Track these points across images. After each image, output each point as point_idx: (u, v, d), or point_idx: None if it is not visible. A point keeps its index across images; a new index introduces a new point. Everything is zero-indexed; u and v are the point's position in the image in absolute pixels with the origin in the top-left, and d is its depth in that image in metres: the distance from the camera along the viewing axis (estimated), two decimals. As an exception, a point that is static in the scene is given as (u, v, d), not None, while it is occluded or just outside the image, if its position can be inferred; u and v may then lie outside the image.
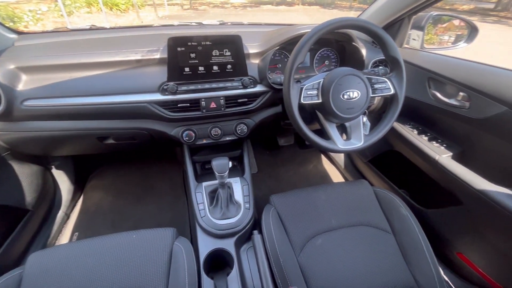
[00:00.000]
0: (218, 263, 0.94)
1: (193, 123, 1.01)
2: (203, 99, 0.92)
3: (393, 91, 0.82)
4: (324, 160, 1.85)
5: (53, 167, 1.41)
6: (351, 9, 13.05)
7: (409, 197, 1.19)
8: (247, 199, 1.03)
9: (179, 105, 0.91)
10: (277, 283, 0.74)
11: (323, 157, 1.87)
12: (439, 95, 0.98)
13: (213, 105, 0.93)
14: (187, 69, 0.88)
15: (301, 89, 0.78)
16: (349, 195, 0.97)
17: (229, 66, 0.92)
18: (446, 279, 0.94)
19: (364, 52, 1.05)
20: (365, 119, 0.93)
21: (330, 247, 0.83)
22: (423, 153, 1.00)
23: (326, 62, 1.17)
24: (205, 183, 1.06)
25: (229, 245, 0.92)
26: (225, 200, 0.98)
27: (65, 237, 1.32)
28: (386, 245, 0.85)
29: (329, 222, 0.89)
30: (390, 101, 0.85)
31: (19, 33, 1.03)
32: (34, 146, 1.09)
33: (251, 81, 0.95)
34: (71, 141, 1.10)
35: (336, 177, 1.73)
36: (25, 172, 1.18)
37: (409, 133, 1.09)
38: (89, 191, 1.56)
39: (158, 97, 0.89)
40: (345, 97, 0.76)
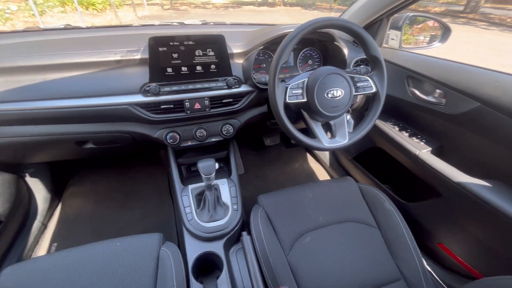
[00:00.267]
0: (207, 267, 0.92)
1: (177, 124, 0.98)
2: (187, 100, 0.90)
3: (375, 89, 0.84)
4: (309, 158, 1.88)
5: (27, 174, 1.33)
6: (331, 10, 13.37)
7: (392, 191, 1.23)
8: (235, 200, 1.02)
9: (162, 107, 0.89)
10: (268, 284, 0.73)
11: (309, 156, 1.90)
12: (417, 92, 1.02)
13: (197, 106, 0.92)
14: (169, 70, 0.86)
15: (286, 88, 0.78)
16: (335, 192, 0.98)
17: (213, 66, 0.91)
18: (429, 269, 0.97)
19: (346, 51, 1.08)
20: (348, 117, 0.95)
21: (318, 245, 0.84)
22: (404, 149, 1.03)
23: (309, 61, 1.18)
24: (191, 186, 1.04)
25: (218, 248, 0.91)
26: (213, 202, 0.97)
27: (42, 249, 1.24)
28: (372, 239, 0.87)
29: (316, 219, 0.90)
30: (372, 99, 0.87)
31: (-15, 33, 0.97)
32: (5, 153, 1.02)
33: (236, 81, 0.94)
34: (47, 147, 1.04)
35: (322, 175, 1.76)
36: None
37: (391, 130, 1.13)
38: (67, 199, 1.49)
39: (139, 98, 0.86)
40: (329, 95, 0.77)
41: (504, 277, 0.49)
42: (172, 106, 0.89)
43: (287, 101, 0.78)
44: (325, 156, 1.77)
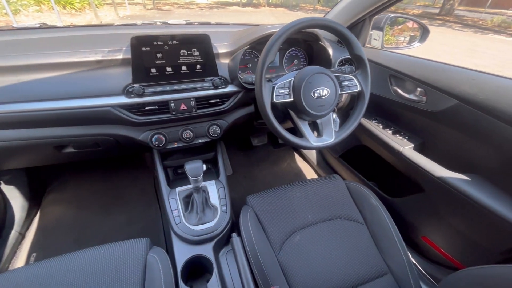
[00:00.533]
0: (196, 271, 0.91)
1: (162, 126, 0.96)
2: (172, 101, 0.88)
3: (359, 88, 0.86)
4: (297, 157, 1.89)
5: (1, 182, 1.26)
6: (314, 11, 13.61)
7: (378, 188, 1.26)
8: (223, 202, 1.01)
9: (146, 108, 0.86)
10: (259, 284, 0.73)
11: (296, 155, 1.91)
12: (399, 91, 1.05)
13: (183, 107, 0.90)
14: (153, 70, 0.84)
15: (273, 88, 0.78)
16: (323, 190, 0.99)
17: (199, 66, 0.89)
18: (414, 262, 1.00)
19: (330, 51, 1.09)
20: (334, 116, 0.97)
21: (308, 243, 0.85)
22: (388, 146, 1.06)
23: (295, 61, 1.19)
24: (178, 189, 1.01)
25: (207, 251, 0.89)
26: (201, 204, 0.95)
27: (20, 260, 1.18)
28: (360, 235, 0.89)
29: (305, 218, 0.91)
30: (357, 98, 0.89)
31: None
32: None
33: (222, 81, 0.93)
34: (22, 152, 0.98)
35: (309, 173, 1.78)
36: None
37: (375, 127, 1.15)
38: (47, 206, 1.42)
39: (123, 100, 0.83)
40: (316, 95, 0.78)
41: (484, 266, 0.51)
42: (156, 107, 0.87)
43: (274, 100, 0.78)
44: (312, 155, 1.79)
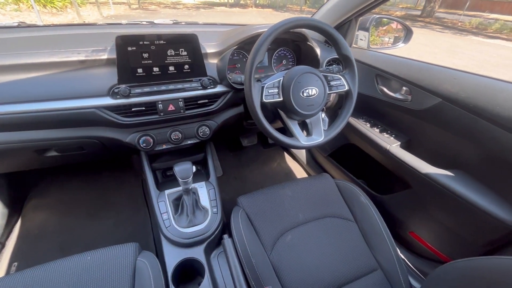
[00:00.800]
0: (188, 274, 0.89)
1: (150, 127, 0.94)
2: (160, 102, 0.86)
3: (347, 87, 0.87)
4: (287, 157, 1.90)
5: (-22, 189, 1.19)
6: (302, 12, 13.77)
7: (367, 185, 1.29)
8: (214, 203, 1.00)
9: (133, 109, 0.84)
10: (251, 285, 0.73)
11: (286, 155, 1.92)
12: (386, 90, 1.07)
13: (171, 107, 0.88)
14: (140, 70, 0.82)
15: (262, 87, 0.78)
16: (313, 189, 1.00)
17: (187, 66, 0.88)
18: (402, 257, 1.03)
19: (318, 51, 1.10)
20: (323, 115, 0.98)
21: (299, 242, 0.85)
22: (376, 144, 1.08)
23: (283, 61, 1.19)
24: (167, 191, 0.99)
25: (198, 253, 0.88)
26: (191, 206, 0.94)
27: (0, 270, 1.12)
28: (350, 233, 0.90)
29: (296, 217, 0.91)
30: (345, 97, 0.90)
31: None
32: None
33: (211, 81, 0.92)
34: (0, 158, 0.93)
35: (299, 173, 1.79)
36: None
37: (363, 126, 1.17)
38: (28, 213, 1.36)
39: (108, 101, 0.80)
40: (305, 94, 0.79)
41: (468, 259, 0.52)
42: (144, 108, 0.85)
43: (264, 100, 0.78)
44: (302, 154, 1.80)
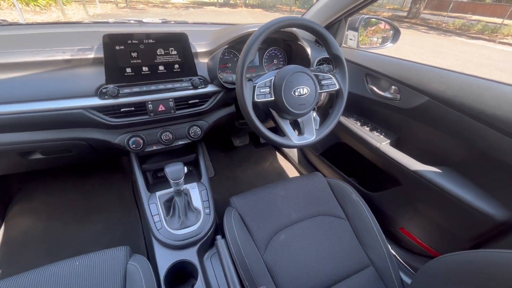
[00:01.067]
0: (181, 276, 0.88)
1: (140, 128, 0.92)
2: (150, 102, 0.85)
3: (338, 87, 0.88)
4: (279, 156, 1.91)
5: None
6: (291, 13, 13.83)
7: (358, 183, 1.30)
8: (206, 204, 0.99)
9: (122, 110, 0.82)
10: (245, 286, 0.72)
11: (278, 154, 1.92)
12: (375, 89, 1.09)
13: (161, 108, 0.87)
14: (128, 70, 0.80)
15: (254, 87, 0.78)
16: (306, 188, 1.01)
17: (177, 65, 0.87)
18: (393, 253, 1.04)
19: (309, 51, 1.11)
20: (314, 114, 0.98)
21: (292, 241, 0.85)
22: (366, 142, 1.10)
23: (274, 61, 1.20)
24: (158, 193, 0.98)
25: (191, 255, 0.87)
26: (183, 208, 0.92)
27: (-17, 279, 1.07)
28: (342, 230, 0.91)
29: (289, 216, 0.91)
30: (336, 96, 0.91)
31: None
32: None
33: (201, 81, 0.91)
34: None
35: (291, 172, 1.80)
36: None
37: (353, 125, 1.19)
38: (12, 218, 1.30)
39: (96, 101, 0.78)
40: (296, 93, 0.79)
41: (456, 253, 0.53)
42: (133, 108, 0.83)
43: (256, 100, 0.78)
44: (294, 153, 1.81)
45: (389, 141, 1.06)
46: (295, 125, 0.90)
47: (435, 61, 6.48)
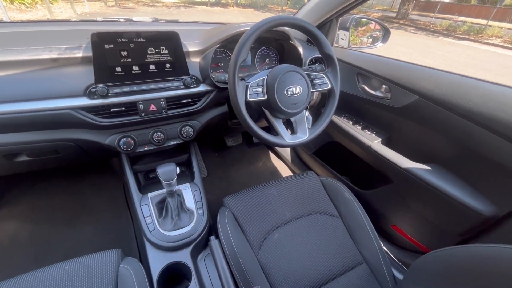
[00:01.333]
0: (175, 278, 0.87)
1: (131, 128, 0.91)
2: (141, 102, 0.83)
3: (330, 86, 0.88)
4: (272, 156, 1.91)
5: None
6: (283, 13, 13.86)
7: (350, 182, 1.32)
8: (199, 205, 0.98)
9: (112, 110, 0.80)
10: (239, 286, 0.72)
11: (271, 154, 1.93)
12: (367, 88, 1.10)
13: (152, 107, 0.86)
14: (118, 69, 0.79)
15: (247, 86, 0.78)
16: (299, 187, 1.01)
17: (168, 65, 0.85)
18: (386, 250, 1.06)
19: (301, 50, 1.11)
20: (307, 113, 0.99)
21: (286, 240, 0.86)
22: (358, 141, 1.11)
23: (267, 60, 1.20)
24: (151, 194, 0.96)
25: (184, 257, 0.86)
26: (176, 209, 0.91)
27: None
28: (335, 228, 0.91)
29: (283, 215, 0.92)
30: (328, 95, 0.91)
31: None
32: None
33: (193, 80, 0.90)
34: None
35: (284, 171, 1.80)
36: None
37: (345, 124, 1.20)
38: (-2, 223, 1.27)
39: (84, 101, 0.76)
40: (289, 93, 0.79)
41: (446, 248, 0.55)
42: (123, 109, 0.82)
43: (248, 99, 0.77)
44: (287, 152, 1.82)
45: (380, 139, 1.08)
46: (288, 124, 0.90)
47: (424, 61, 6.62)
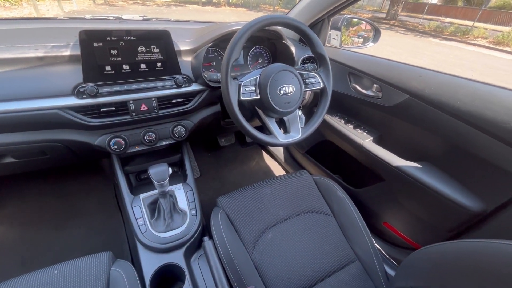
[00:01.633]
0: (168, 280, 0.86)
1: (121, 129, 0.89)
2: (132, 101, 0.82)
3: (322, 85, 0.89)
4: (265, 155, 1.91)
5: None
6: (275, 12, 13.88)
7: (343, 180, 1.33)
8: (192, 205, 0.97)
9: (102, 110, 0.79)
10: (234, 286, 0.72)
11: (264, 153, 1.93)
12: (358, 87, 1.11)
13: (144, 107, 0.84)
14: (108, 68, 0.77)
15: (239, 85, 0.77)
16: (292, 186, 1.01)
17: (159, 64, 0.84)
18: (378, 247, 1.07)
19: (293, 49, 1.12)
20: (300, 112, 0.99)
21: (280, 239, 0.86)
22: (350, 140, 1.12)
23: (259, 59, 1.19)
24: (142, 195, 0.95)
25: (178, 258, 0.85)
26: (168, 210, 0.90)
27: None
28: (329, 227, 0.92)
29: (276, 215, 0.92)
30: (320, 94, 0.92)
31: None
32: None
33: (185, 79, 0.89)
34: None
35: (277, 171, 1.80)
36: None
37: (337, 123, 1.21)
38: (-17, 227, 1.22)
39: (73, 101, 0.74)
40: (282, 92, 0.79)
41: (436, 244, 0.56)
42: (114, 108, 0.80)
43: (241, 98, 0.77)
44: (280, 152, 1.82)
45: (372, 138, 1.09)
46: (281, 124, 0.90)
47: (413, 61, 6.74)
